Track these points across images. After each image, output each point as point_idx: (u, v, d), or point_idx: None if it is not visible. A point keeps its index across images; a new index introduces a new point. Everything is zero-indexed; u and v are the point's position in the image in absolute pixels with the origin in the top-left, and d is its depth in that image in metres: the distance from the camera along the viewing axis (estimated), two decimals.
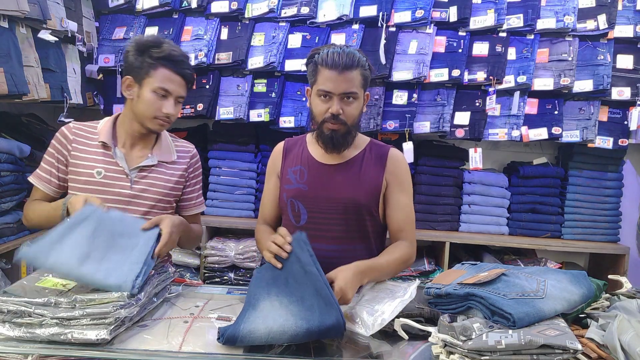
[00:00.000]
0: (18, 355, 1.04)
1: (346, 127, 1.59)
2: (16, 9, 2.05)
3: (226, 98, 2.98)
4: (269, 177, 1.79)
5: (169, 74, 1.56)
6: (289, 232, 1.57)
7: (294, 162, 1.71)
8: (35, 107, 2.87)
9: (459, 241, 2.93)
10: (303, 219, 1.66)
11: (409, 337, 1.21)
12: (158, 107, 1.56)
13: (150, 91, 1.55)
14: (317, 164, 1.68)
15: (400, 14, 2.89)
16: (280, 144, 1.81)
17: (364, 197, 1.64)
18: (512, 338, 0.97)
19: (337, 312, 1.15)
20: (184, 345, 1.12)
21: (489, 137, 2.93)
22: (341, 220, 1.63)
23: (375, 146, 1.73)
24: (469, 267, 1.34)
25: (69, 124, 1.65)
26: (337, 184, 1.64)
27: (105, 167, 1.59)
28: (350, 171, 1.66)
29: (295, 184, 1.68)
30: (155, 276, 1.32)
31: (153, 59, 1.54)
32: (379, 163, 1.68)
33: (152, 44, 1.56)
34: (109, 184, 1.59)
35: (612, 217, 3.02)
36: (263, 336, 1.13)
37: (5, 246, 2.20)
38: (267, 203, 1.79)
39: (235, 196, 3.05)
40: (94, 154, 1.60)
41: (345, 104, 1.57)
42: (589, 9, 2.86)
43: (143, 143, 1.67)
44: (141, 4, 2.99)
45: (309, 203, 1.65)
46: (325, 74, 1.55)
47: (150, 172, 1.65)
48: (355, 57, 1.56)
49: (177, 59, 1.56)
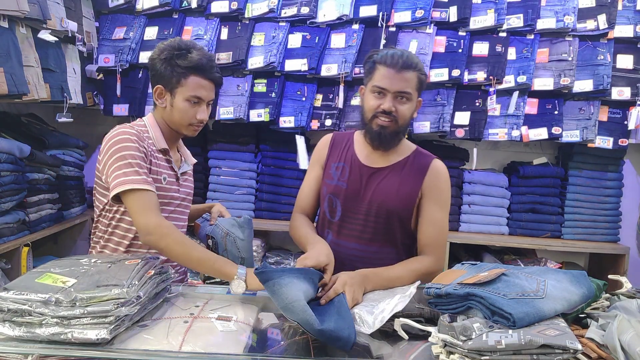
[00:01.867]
0: (18, 355, 1.04)
1: (396, 125, 1.60)
2: (16, 9, 2.05)
3: (226, 98, 2.98)
4: (313, 166, 1.80)
5: (200, 80, 1.55)
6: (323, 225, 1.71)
7: (338, 158, 1.73)
8: (35, 107, 2.87)
9: (459, 241, 2.93)
10: (338, 216, 1.69)
11: (409, 337, 1.21)
12: (192, 114, 1.58)
13: (184, 100, 1.56)
14: (359, 165, 1.69)
15: (400, 14, 2.89)
16: (328, 136, 1.81)
17: (396, 205, 1.64)
18: (512, 338, 0.97)
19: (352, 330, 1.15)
20: (184, 345, 1.12)
21: (489, 137, 2.93)
22: (371, 223, 1.65)
23: (420, 155, 1.72)
24: (469, 267, 1.34)
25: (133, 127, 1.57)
26: (374, 188, 1.66)
27: (167, 172, 1.62)
28: (389, 177, 1.66)
29: (336, 180, 1.70)
30: (155, 276, 1.32)
31: (182, 67, 1.53)
32: (419, 173, 1.67)
33: (179, 52, 1.54)
34: (169, 188, 1.62)
35: (612, 217, 3.02)
36: (286, 299, 1.15)
37: (5, 246, 2.20)
38: (307, 192, 1.80)
39: (235, 196, 3.05)
40: (159, 160, 1.60)
41: (398, 102, 1.58)
42: (589, 9, 2.87)
43: (175, 147, 1.71)
44: (141, 4, 2.99)
45: (345, 202, 1.68)
46: (383, 72, 1.57)
47: (187, 176, 1.73)
48: (413, 60, 1.58)
49: (207, 65, 1.56)
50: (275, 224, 2.96)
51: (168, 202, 1.62)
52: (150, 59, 1.61)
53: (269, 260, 3.06)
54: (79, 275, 1.21)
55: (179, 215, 1.69)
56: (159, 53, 1.57)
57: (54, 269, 1.24)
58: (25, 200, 2.39)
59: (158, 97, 1.61)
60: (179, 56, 1.54)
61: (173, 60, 1.54)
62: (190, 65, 1.53)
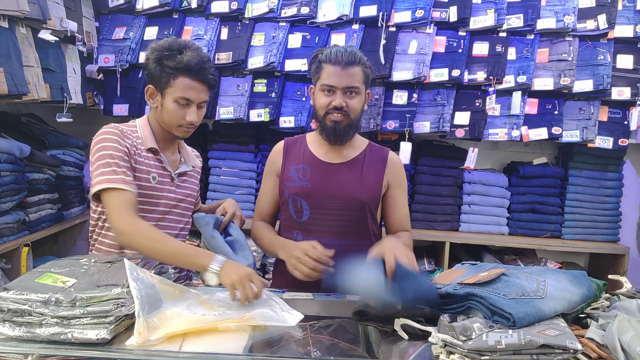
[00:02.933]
0: (18, 355, 1.04)
1: (349, 119, 1.65)
2: (16, 9, 2.05)
3: (226, 98, 2.98)
4: (268, 176, 1.83)
5: (189, 82, 1.53)
6: (290, 228, 1.72)
7: (296, 161, 1.76)
8: (35, 107, 2.87)
9: (459, 241, 2.93)
10: (305, 215, 1.71)
11: (409, 337, 1.21)
12: (181, 115, 1.56)
13: (172, 101, 1.54)
14: (320, 163, 1.73)
15: (400, 14, 2.89)
16: (280, 143, 1.84)
17: (367, 196, 1.71)
18: (512, 338, 0.97)
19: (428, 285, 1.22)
20: (184, 345, 1.12)
21: (489, 137, 2.93)
22: (344, 217, 1.69)
23: (375, 148, 1.80)
24: (469, 267, 1.34)
25: (117, 126, 1.57)
26: (341, 182, 1.70)
27: (157, 172, 1.61)
28: (353, 170, 1.72)
29: (298, 181, 1.72)
30: None
31: (172, 68, 1.52)
32: (380, 164, 1.75)
33: (170, 52, 1.52)
34: (161, 188, 1.61)
35: (612, 217, 3.02)
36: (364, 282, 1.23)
37: (5, 246, 2.20)
38: (265, 201, 1.84)
39: (235, 196, 3.04)
40: (147, 159, 1.60)
41: (348, 97, 1.64)
42: (589, 9, 2.87)
43: (172, 147, 1.71)
44: (141, 4, 2.99)
45: (312, 200, 1.70)
46: (329, 70, 1.63)
47: (187, 177, 1.72)
48: (357, 55, 1.64)
49: (197, 67, 1.52)
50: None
51: (159, 202, 1.60)
52: (145, 57, 1.61)
53: (269, 260, 3.05)
54: (79, 275, 1.21)
55: (175, 216, 1.67)
56: (151, 53, 1.56)
57: (54, 269, 1.24)
58: (25, 200, 2.39)
59: (150, 97, 1.60)
60: (169, 57, 1.52)
61: (162, 60, 1.53)
62: (179, 66, 1.51)
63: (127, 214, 1.43)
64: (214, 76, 1.59)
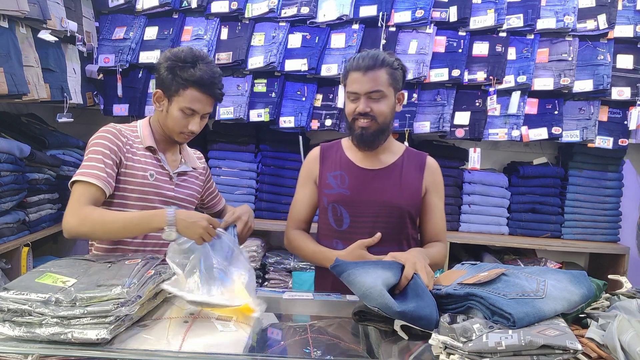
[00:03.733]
0: (18, 355, 1.04)
1: (377, 124, 1.63)
2: (16, 9, 2.05)
3: (226, 98, 2.96)
4: (305, 183, 1.80)
5: (198, 95, 1.56)
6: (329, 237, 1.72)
7: (333, 167, 1.74)
8: (35, 107, 2.87)
9: (459, 241, 2.93)
10: (345, 223, 1.69)
11: (409, 337, 1.21)
12: (184, 124, 1.60)
13: (178, 109, 1.57)
14: (357, 169, 1.71)
15: (400, 14, 2.89)
16: (316, 150, 1.82)
17: (407, 203, 1.69)
18: (512, 339, 0.97)
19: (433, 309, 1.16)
20: (184, 345, 1.12)
21: (489, 137, 2.94)
22: (384, 224, 1.67)
23: (412, 153, 1.78)
24: (469, 267, 1.34)
25: (115, 125, 1.60)
26: (380, 188, 1.68)
27: (155, 170, 1.64)
28: (391, 177, 1.70)
29: (336, 188, 1.70)
30: (155, 276, 1.32)
31: (183, 79, 1.54)
32: (418, 169, 1.74)
33: (184, 64, 1.55)
34: (159, 185, 1.64)
35: (612, 217, 3.02)
36: (363, 286, 1.16)
37: (5, 246, 2.20)
38: (302, 209, 1.80)
39: (235, 196, 3.05)
40: (144, 157, 1.62)
41: (372, 101, 1.62)
42: (589, 9, 2.87)
43: (173, 149, 1.73)
44: (141, 4, 2.99)
45: (351, 207, 1.68)
46: (353, 77, 1.63)
47: (187, 177, 1.74)
48: (379, 57, 1.61)
49: (208, 82, 1.56)
50: (275, 224, 2.96)
51: (157, 198, 1.63)
52: (157, 61, 1.64)
53: (269, 260, 3.05)
54: (79, 275, 1.21)
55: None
56: (165, 59, 1.58)
57: (54, 269, 1.24)
58: (25, 200, 2.39)
59: (156, 101, 1.63)
60: (182, 68, 1.55)
61: (176, 70, 1.55)
62: (191, 79, 1.54)
63: (77, 206, 1.42)
64: (221, 91, 1.63)
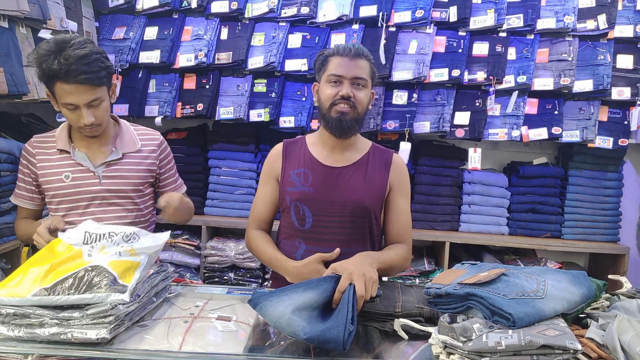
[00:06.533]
0: (18, 355, 1.04)
1: (355, 112, 1.59)
2: (16, 9, 2.05)
3: (226, 98, 2.98)
4: (267, 180, 1.74)
5: (66, 87, 1.45)
6: (291, 236, 1.64)
7: (296, 165, 1.67)
8: (35, 107, 2.87)
9: (459, 241, 2.93)
10: (308, 223, 1.63)
11: (409, 337, 1.21)
12: (76, 119, 1.52)
13: (62, 107, 1.51)
14: (321, 167, 1.65)
15: (400, 14, 2.89)
16: (279, 146, 1.75)
17: (371, 201, 1.63)
18: (512, 339, 0.97)
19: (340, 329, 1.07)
20: (184, 345, 1.12)
21: (489, 137, 2.94)
22: (347, 224, 1.61)
23: (379, 150, 1.72)
24: (469, 267, 1.34)
25: (30, 139, 1.67)
26: (344, 187, 1.62)
27: (71, 169, 1.62)
28: (356, 174, 1.64)
29: (299, 186, 1.63)
30: (154, 275, 1.32)
31: (47, 76, 1.45)
32: (384, 167, 1.67)
33: (48, 57, 1.43)
34: (78, 184, 1.62)
35: (612, 217, 3.02)
36: (272, 318, 1.14)
37: (5, 246, 2.20)
38: (262, 207, 1.74)
39: (235, 196, 3.05)
40: (58, 161, 1.63)
41: (355, 89, 1.58)
42: (589, 9, 2.87)
43: (100, 140, 1.66)
44: (141, 4, 2.99)
45: (314, 206, 1.62)
46: (337, 61, 1.59)
47: (118, 165, 1.67)
48: (364, 50, 1.63)
49: (63, 70, 1.42)
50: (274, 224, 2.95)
51: (79, 197, 1.62)
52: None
53: None
54: None
55: (108, 207, 1.65)
56: (33, 57, 1.48)
57: None
58: None
59: (53, 103, 1.56)
60: (46, 62, 1.44)
61: (43, 66, 1.45)
62: (49, 74, 1.44)
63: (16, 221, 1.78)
64: (89, 75, 1.45)
